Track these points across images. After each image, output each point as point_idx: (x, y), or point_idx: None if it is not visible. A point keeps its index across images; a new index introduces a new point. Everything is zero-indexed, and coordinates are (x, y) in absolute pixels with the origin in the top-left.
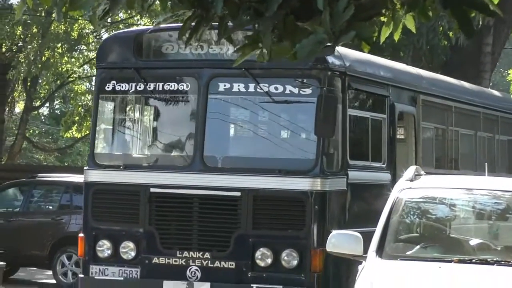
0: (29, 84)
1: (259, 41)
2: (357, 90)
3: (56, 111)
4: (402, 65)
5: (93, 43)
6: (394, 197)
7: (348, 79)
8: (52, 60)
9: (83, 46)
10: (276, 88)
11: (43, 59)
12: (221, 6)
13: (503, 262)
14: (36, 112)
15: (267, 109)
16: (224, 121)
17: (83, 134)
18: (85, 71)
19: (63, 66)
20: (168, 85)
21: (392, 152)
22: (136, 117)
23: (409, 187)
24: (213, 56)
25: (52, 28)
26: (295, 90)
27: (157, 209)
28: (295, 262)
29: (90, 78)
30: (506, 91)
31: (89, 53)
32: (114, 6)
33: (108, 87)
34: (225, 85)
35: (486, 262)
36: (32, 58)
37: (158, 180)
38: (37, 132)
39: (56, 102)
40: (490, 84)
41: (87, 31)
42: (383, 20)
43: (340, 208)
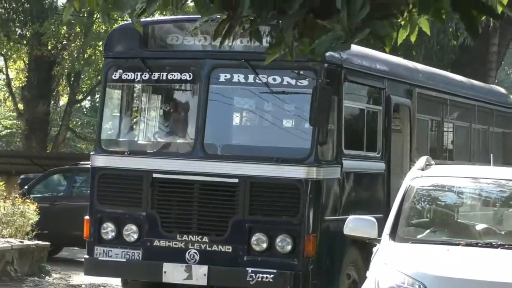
0: (73, 79)
1: (282, 40)
2: (353, 83)
3: (97, 104)
4: (399, 59)
5: None
6: (406, 185)
7: (345, 72)
8: (94, 57)
9: None
10: (274, 79)
11: (85, 56)
12: (248, 6)
13: (507, 246)
14: (79, 105)
15: (265, 99)
16: (224, 110)
17: None
18: None
19: None
20: (172, 75)
21: (387, 143)
22: (141, 105)
23: (421, 176)
24: (215, 48)
25: (94, 28)
26: (293, 82)
27: (159, 194)
28: (289, 247)
29: None
30: (511, 89)
31: None
32: (150, 6)
33: (115, 76)
34: (226, 76)
35: (491, 246)
36: (75, 55)
37: (161, 166)
38: (79, 123)
39: (97, 96)
40: (496, 81)
41: None
42: (401, 23)
43: (334, 196)
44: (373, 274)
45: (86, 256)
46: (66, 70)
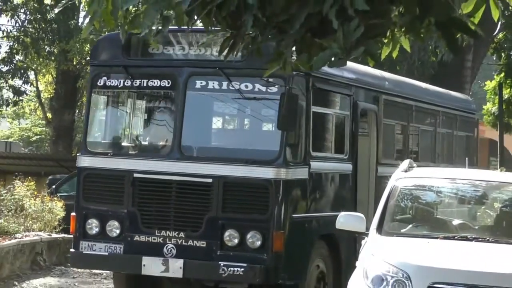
0: None
1: (281, 55)
2: (321, 90)
3: None
4: (366, 68)
5: None
6: (391, 185)
7: (312, 80)
8: None
9: None
10: (246, 86)
11: None
12: (251, 25)
13: (480, 239)
14: None
15: (238, 105)
16: (200, 115)
17: None
18: None
19: None
20: (152, 82)
21: (354, 145)
22: (124, 110)
23: (404, 177)
24: (192, 57)
25: None
26: (263, 88)
27: (139, 192)
28: (259, 243)
29: None
30: (483, 99)
31: None
32: (165, 26)
33: (100, 83)
34: (202, 83)
35: (466, 239)
36: None
37: (141, 167)
38: None
39: None
40: (470, 93)
41: None
42: (385, 41)
43: (302, 195)
44: (362, 264)
45: (72, 250)
46: None
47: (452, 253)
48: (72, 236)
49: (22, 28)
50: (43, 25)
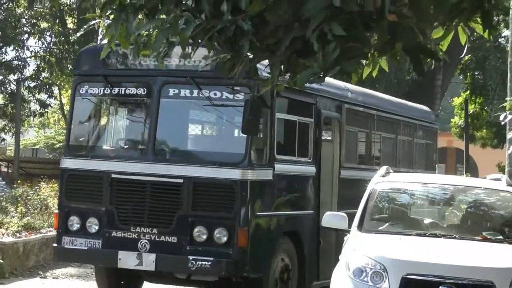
0: None
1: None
2: (285, 98)
3: None
4: (330, 79)
5: None
6: (371, 188)
7: (276, 88)
8: None
9: None
10: (215, 94)
11: None
12: (247, 49)
13: (448, 236)
14: None
15: (208, 111)
16: (173, 120)
17: None
18: None
19: None
20: (129, 90)
21: (318, 149)
22: (103, 116)
23: (381, 181)
24: (166, 67)
25: None
26: (231, 96)
27: (117, 192)
28: (225, 239)
29: None
30: (452, 114)
31: None
32: (170, 50)
33: (82, 91)
34: (174, 91)
35: (436, 236)
36: None
37: (118, 168)
38: None
39: None
40: (440, 108)
41: None
42: (365, 62)
43: (266, 195)
44: (344, 257)
45: (55, 245)
46: None
47: (423, 248)
48: (56, 232)
49: (48, 49)
50: (66, 46)
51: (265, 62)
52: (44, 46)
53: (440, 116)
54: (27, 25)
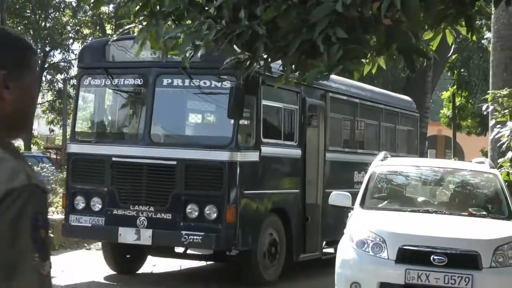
0: None
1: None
2: (270, 86)
3: None
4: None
5: None
6: (371, 171)
7: (262, 78)
8: None
9: None
10: (205, 83)
11: None
12: (262, 50)
13: (438, 212)
14: None
15: (198, 98)
16: (167, 108)
17: None
18: None
19: None
20: (128, 80)
21: (303, 134)
22: (105, 104)
23: (380, 164)
24: (160, 60)
25: None
26: (219, 84)
27: (117, 174)
28: (215, 215)
29: None
30: (441, 106)
31: None
32: (196, 52)
33: (86, 82)
34: (168, 81)
35: (428, 212)
36: None
37: (118, 152)
38: None
39: None
40: (431, 101)
41: None
42: (366, 61)
43: (253, 175)
44: (348, 231)
45: (63, 222)
46: None
47: (417, 223)
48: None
49: None
50: None
51: (278, 62)
52: None
53: (431, 108)
54: (72, 32)
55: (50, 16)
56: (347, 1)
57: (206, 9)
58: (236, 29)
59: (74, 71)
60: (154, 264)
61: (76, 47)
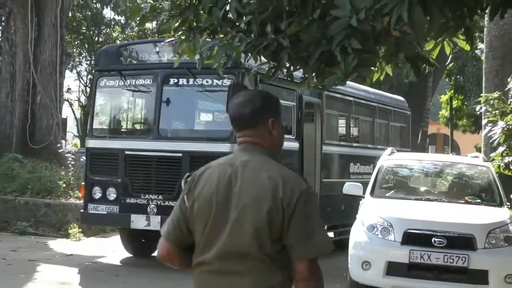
0: None
1: (305, 78)
2: (268, 84)
3: None
4: None
5: None
6: (380, 164)
7: (260, 76)
8: None
9: None
10: (207, 82)
11: None
12: (286, 60)
13: (438, 200)
14: None
15: (201, 96)
16: (173, 105)
17: None
18: None
19: None
20: (139, 81)
21: (300, 128)
22: (119, 103)
23: (388, 159)
24: (167, 61)
25: None
26: (220, 83)
27: (130, 166)
28: None
29: None
30: (440, 107)
31: None
32: (228, 62)
33: (102, 83)
34: (174, 80)
35: (429, 200)
36: None
37: (130, 146)
38: None
39: None
40: (431, 104)
41: None
42: (375, 69)
43: None
44: (360, 216)
45: (82, 211)
46: None
47: (420, 209)
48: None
49: None
50: None
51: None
52: None
53: (431, 110)
54: None
55: (102, 32)
56: (361, 17)
57: (237, 24)
58: (263, 42)
59: None
60: None
61: None
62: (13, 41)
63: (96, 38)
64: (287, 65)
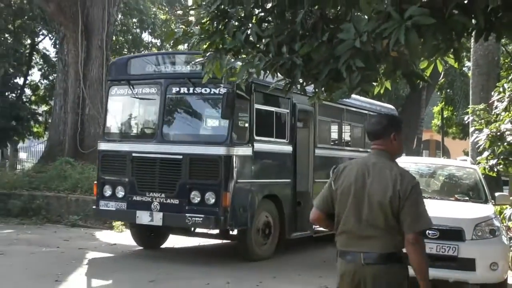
0: None
1: (315, 93)
2: (262, 93)
3: None
4: None
5: None
6: None
7: (254, 86)
8: None
9: None
10: (206, 90)
11: None
12: (299, 76)
13: (432, 197)
14: None
15: (201, 103)
16: (175, 111)
17: None
18: None
19: None
20: (145, 89)
21: (293, 133)
22: (128, 110)
23: None
24: (170, 72)
25: None
26: (217, 91)
27: (136, 166)
28: (213, 200)
29: None
30: (432, 117)
31: None
32: (250, 77)
33: (113, 92)
34: (176, 89)
35: (424, 197)
36: None
37: (137, 148)
38: None
39: None
40: (425, 114)
41: None
42: (376, 84)
43: (246, 167)
44: None
45: (94, 207)
46: None
47: None
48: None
49: None
50: None
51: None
52: None
53: (425, 119)
54: None
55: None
56: (364, 39)
57: (257, 46)
58: (280, 60)
59: None
60: (173, 245)
61: None
62: (66, 61)
63: None
64: (300, 81)
